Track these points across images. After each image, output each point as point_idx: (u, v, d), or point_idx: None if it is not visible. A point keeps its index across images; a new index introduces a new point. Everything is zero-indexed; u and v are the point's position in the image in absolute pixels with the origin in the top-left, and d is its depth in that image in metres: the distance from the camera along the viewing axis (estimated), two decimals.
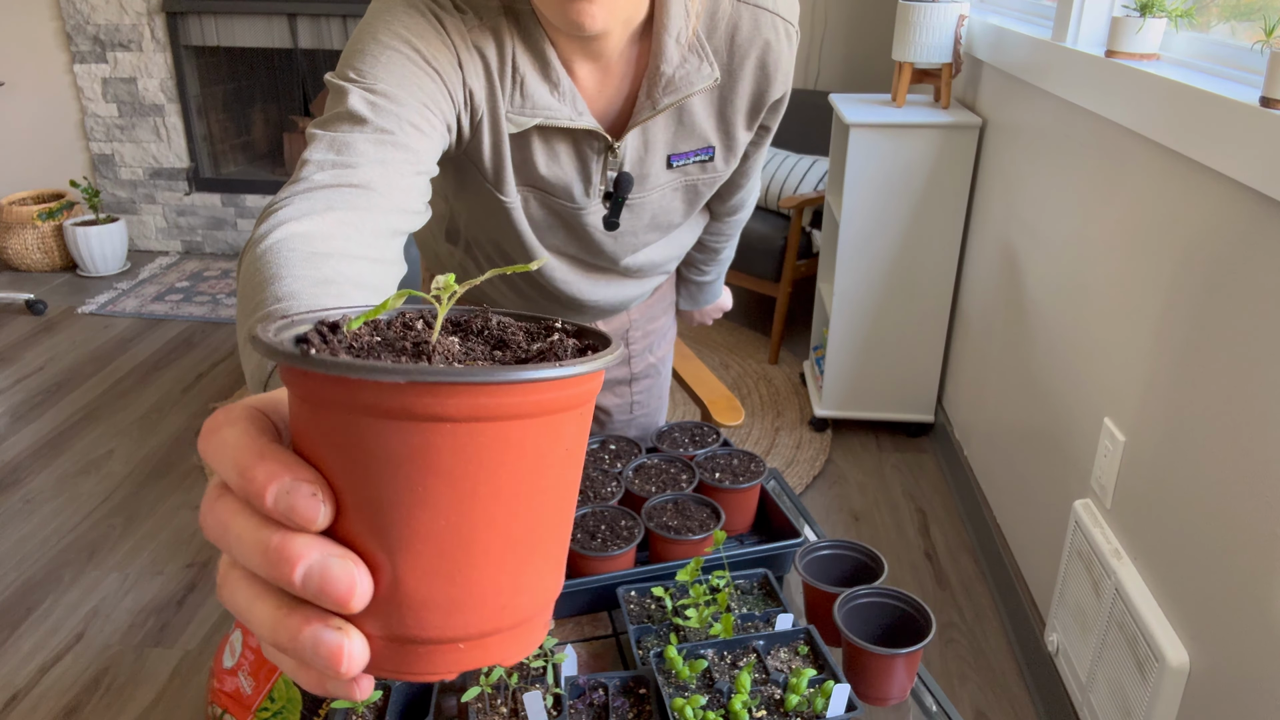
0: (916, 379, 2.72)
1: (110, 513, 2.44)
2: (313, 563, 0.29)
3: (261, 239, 0.58)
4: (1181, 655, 1.30)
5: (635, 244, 1.04)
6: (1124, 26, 1.58)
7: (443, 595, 0.29)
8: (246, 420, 0.31)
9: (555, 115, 0.85)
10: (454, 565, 0.29)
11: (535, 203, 0.95)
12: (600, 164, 0.92)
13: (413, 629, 0.30)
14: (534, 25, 0.83)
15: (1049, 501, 1.86)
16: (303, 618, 0.29)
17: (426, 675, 0.30)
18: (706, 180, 1.00)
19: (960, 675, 1.92)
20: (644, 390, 1.36)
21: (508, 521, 0.29)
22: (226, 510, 0.31)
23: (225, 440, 0.31)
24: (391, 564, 0.29)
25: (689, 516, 1.02)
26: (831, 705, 0.76)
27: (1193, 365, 1.32)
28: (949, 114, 2.47)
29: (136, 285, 3.97)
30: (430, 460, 0.27)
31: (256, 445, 0.30)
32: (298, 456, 0.30)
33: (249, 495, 0.30)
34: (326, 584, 0.29)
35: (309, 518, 0.29)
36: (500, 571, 0.30)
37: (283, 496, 0.29)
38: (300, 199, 0.65)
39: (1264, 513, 1.14)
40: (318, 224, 0.61)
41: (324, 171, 0.68)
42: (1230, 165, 1.20)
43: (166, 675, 1.91)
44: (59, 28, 4.04)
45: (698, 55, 0.87)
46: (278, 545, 0.29)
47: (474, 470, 0.28)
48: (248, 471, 0.30)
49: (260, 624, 0.30)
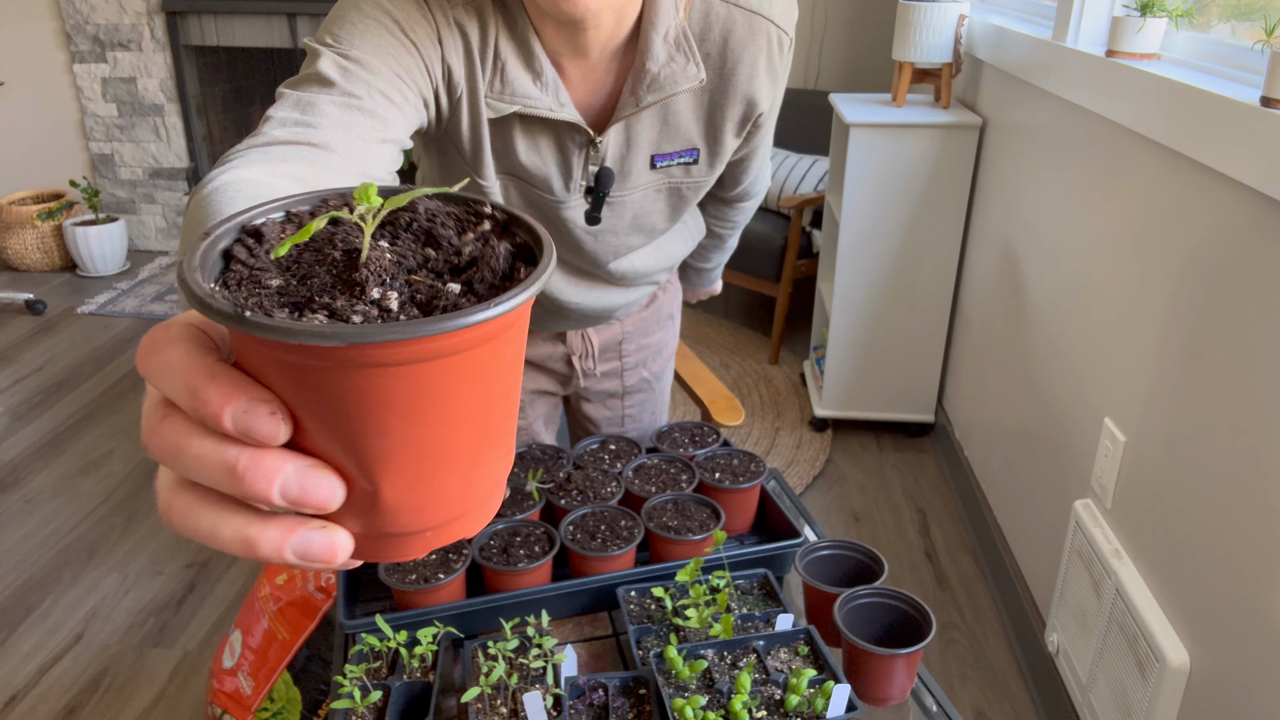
0: (917, 379, 2.72)
1: (110, 513, 2.44)
2: (288, 475, 0.29)
3: (208, 183, 0.55)
4: (1182, 655, 1.30)
5: (617, 245, 1.03)
6: (1124, 26, 1.58)
7: (413, 498, 0.31)
8: (189, 340, 0.30)
9: (535, 104, 0.84)
10: (420, 475, 0.31)
11: (515, 193, 0.95)
12: (582, 158, 0.91)
13: (389, 526, 0.32)
14: (519, 13, 0.82)
15: (1049, 501, 1.86)
16: (283, 526, 0.30)
17: (401, 558, 0.33)
18: (690, 184, 0.99)
19: (960, 675, 1.92)
20: (636, 405, 1.35)
21: (461, 433, 0.31)
22: (176, 431, 0.30)
23: (169, 360, 0.30)
24: (364, 476, 0.30)
25: (689, 517, 1.02)
26: (831, 705, 0.76)
27: (1193, 365, 1.32)
28: (949, 114, 2.47)
29: (136, 285, 3.97)
30: (381, 398, 0.28)
31: (204, 364, 0.29)
32: (248, 376, 0.29)
33: (203, 417, 0.29)
34: (306, 493, 0.29)
35: (270, 435, 0.29)
36: (460, 472, 0.32)
37: (241, 417, 0.29)
38: (256, 151, 0.63)
39: (1264, 513, 1.14)
40: (265, 172, 0.58)
41: (284, 129, 0.67)
42: (1231, 165, 1.19)
43: (166, 675, 1.90)
44: (58, 27, 4.04)
45: (685, 55, 0.86)
46: (248, 462, 0.29)
47: (424, 401, 0.29)
48: (200, 393, 0.29)
49: (232, 539, 0.30)
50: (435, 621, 0.90)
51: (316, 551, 0.31)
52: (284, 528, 0.30)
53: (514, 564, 0.94)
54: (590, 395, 1.33)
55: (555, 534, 0.98)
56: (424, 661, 0.87)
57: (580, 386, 1.31)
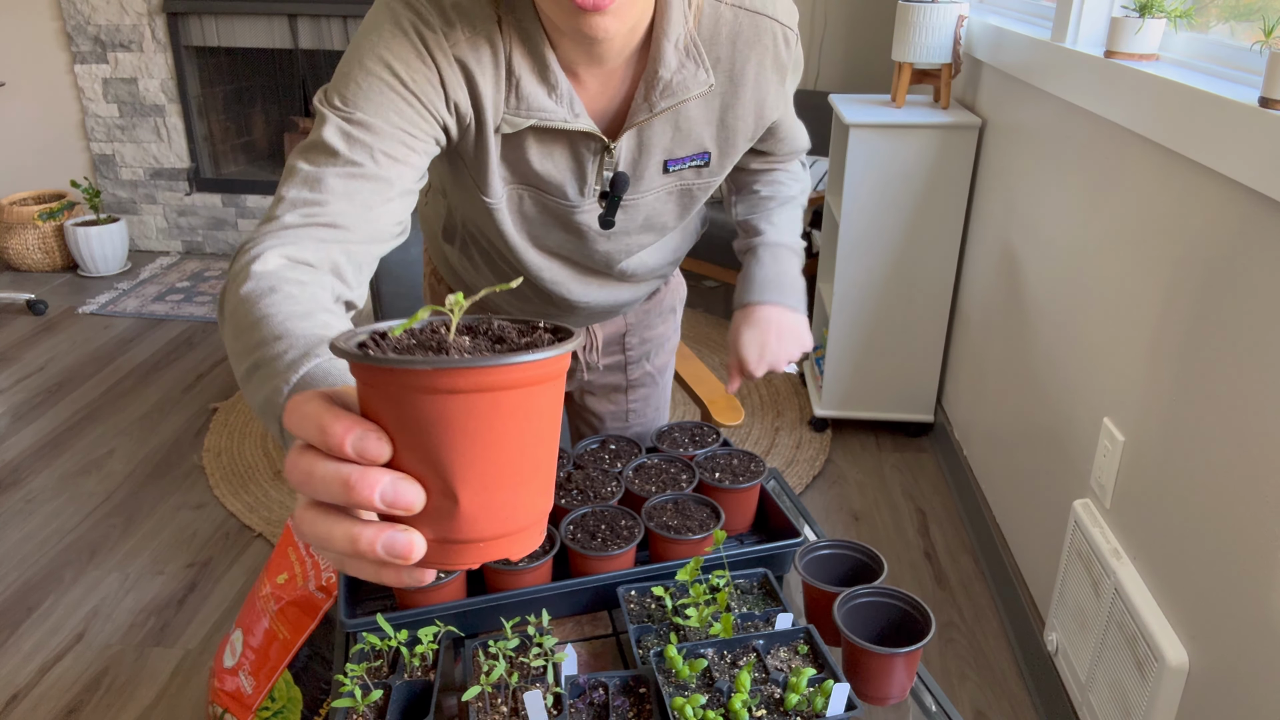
0: (916, 379, 2.72)
1: (111, 512, 2.44)
2: (385, 484, 0.40)
3: (241, 281, 0.67)
4: (1181, 655, 1.30)
5: (629, 245, 1.04)
6: (1123, 27, 1.58)
7: (473, 508, 0.42)
8: (321, 399, 0.43)
9: (550, 117, 0.86)
10: (478, 488, 0.42)
11: (529, 200, 0.96)
12: (596, 164, 0.92)
13: (454, 534, 0.43)
14: (534, 29, 0.84)
15: (1048, 501, 1.86)
16: (376, 528, 0.41)
17: (459, 565, 0.44)
18: (701, 185, 1.00)
19: (960, 675, 1.92)
20: (640, 399, 1.36)
21: (508, 458, 0.42)
22: (309, 461, 0.42)
23: (307, 411, 0.42)
24: (439, 486, 0.42)
25: (689, 516, 1.02)
26: (831, 704, 0.77)
27: (1192, 365, 1.32)
28: (948, 114, 2.48)
29: (137, 285, 3.97)
30: (450, 421, 0.40)
31: (331, 410, 0.41)
32: (362, 417, 0.42)
33: (329, 446, 0.41)
34: (398, 496, 0.41)
35: (377, 454, 0.41)
36: (507, 493, 0.43)
37: (357, 441, 0.40)
38: (272, 238, 0.73)
39: (1263, 512, 1.15)
40: (286, 268, 0.70)
41: (295, 212, 0.75)
42: (1229, 165, 1.20)
43: (167, 675, 1.91)
44: (59, 28, 4.04)
45: (695, 62, 0.87)
46: (358, 476, 0.40)
47: (481, 425, 0.41)
48: (329, 428, 0.41)
49: (341, 540, 0.42)
50: (436, 620, 0.90)
51: (399, 547, 0.41)
52: (378, 529, 0.41)
53: (514, 563, 0.94)
54: (594, 389, 1.34)
55: (555, 533, 0.98)
56: (425, 660, 0.87)
57: (584, 380, 1.32)
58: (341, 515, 0.42)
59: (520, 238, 1.00)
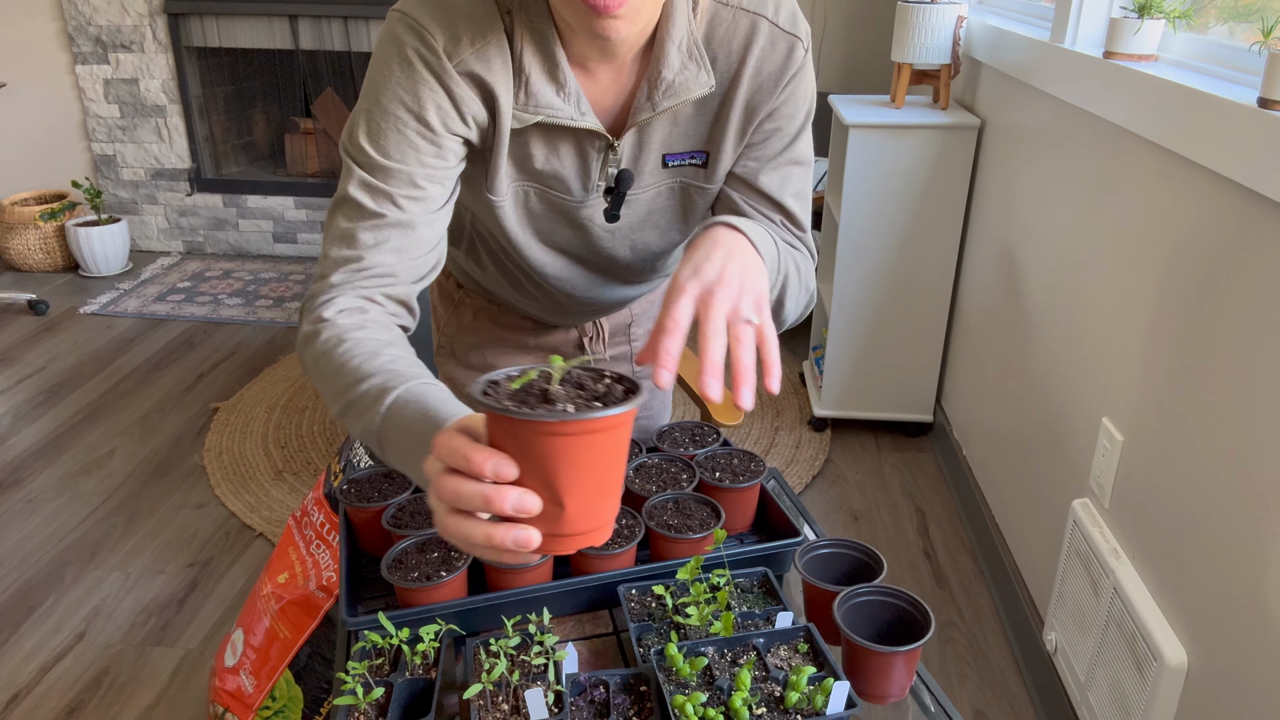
0: (915, 379, 2.73)
1: (112, 512, 2.45)
2: (514, 498, 0.59)
3: (312, 340, 0.84)
4: (1180, 654, 1.31)
5: (632, 241, 1.05)
6: (1122, 28, 1.59)
7: (575, 511, 0.61)
8: (462, 433, 0.62)
9: (558, 114, 0.88)
10: (579, 498, 0.61)
11: (535, 197, 0.97)
12: (600, 161, 0.94)
13: (560, 529, 0.61)
14: (547, 28, 0.85)
15: (1047, 501, 1.86)
16: (506, 528, 0.60)
17: (561, 552, 0.63)
18: (698, 187, 1.00)
19: (959, 674, 1.93)
20: (644, 390, 1.37)
21: (595, 478, 0.61)
22: (456, 482, 0.60)
23: (454, 446, 0.60)
24: (552, 498, 0.60)
25: (689, 515, 1.03)
26: (831, 703, 0.77)
27: (1191, 365, 1.33)
28: (948, 115, 2.48)
29: (138, 285, 3.98)
30: (561, 453, 0.59)
31: (472, 445, 0.60)
32: (491, 447, 0.60)
33: (472, 470, 0.59)
34: (524, 507, 0.59)
35: (509, 475, 0.59)
36: (596, 500, 0.62)
37: (493, 467, 0.59)
38: (325, 296, 0.87)
39: (1262, 512, 1.15)
40: (347, 315, 0.86)
41: (339, 270, 0.87)
42: (1228, 166, 1.20)
43: (168, 674, 1.91)
44: (61, 29, 4.05)
45: (696, 63, 0.89)
46: (493, 492, 0.59)
47: (582, 456, 0.59)
48: (472, 458, 0.59)
49: (480, 536, 0.60)
50: (437, 619, 0.91)
51: (523, 541, 0.60)
52: (507, 528, 0.60)
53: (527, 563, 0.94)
54: None
55: None
56: (426, 659, 0.87)
57: None
58: (477, 519, 0.61)
59: (526, 235, 1.01)
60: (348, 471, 1.29)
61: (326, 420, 2.91)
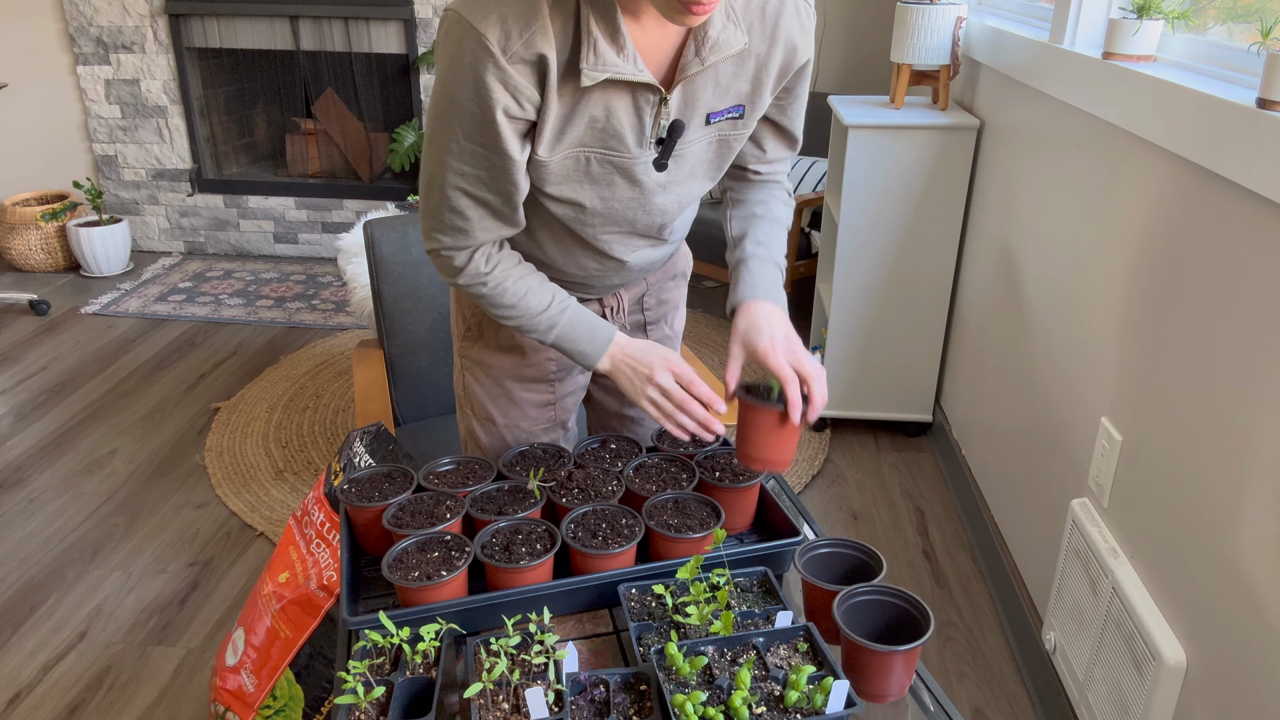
0: (915, 379, 2.73)
1: (113, 512, 2.45)
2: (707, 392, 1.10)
3: (484, 280, 1.14)
4: (1178, 653, 1.31)
5: (680, 195, 1.16)
6: (1121, 28, 1.59)
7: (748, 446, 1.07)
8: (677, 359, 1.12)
9: (620, 71, 0.99)
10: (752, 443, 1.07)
11: (595, 161, 1.06)
12: (653, 113, 1.04)
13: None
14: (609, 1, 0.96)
15: (1046, 500, 1.87)
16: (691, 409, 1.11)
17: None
18: (735, 136, 1.14)
19: (958, 673, 1.93)
20: None
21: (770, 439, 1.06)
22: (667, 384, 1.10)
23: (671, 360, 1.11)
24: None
25: (689, 515, 1.03)
26: (830, 702, 0.77)
27: (1190, 365, 1.33)
28: (947, 116, 2.48)
29: (139, 286, 3.98)
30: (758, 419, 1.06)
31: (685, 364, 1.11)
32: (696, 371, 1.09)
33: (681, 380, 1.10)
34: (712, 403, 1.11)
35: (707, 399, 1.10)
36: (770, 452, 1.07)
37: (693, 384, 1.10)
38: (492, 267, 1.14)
39: (1260, 511, 1.15)
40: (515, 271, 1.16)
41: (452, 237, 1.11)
42: (1227, 167, 1.20)
43: (169, 673, 1.92)
44: (62, 29, 4.05)
45: (734, 23, 1.03)
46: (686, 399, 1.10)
47: (766, 428, 1.05)
48: (684, 373, 1.10)
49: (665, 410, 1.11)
50: (438, 618, 0.91)
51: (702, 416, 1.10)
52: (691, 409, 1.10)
53: (516, 561, 0.95)
54: None
55: (556, 532, 0.99)
56: (427, 658, 0.88)
57: None
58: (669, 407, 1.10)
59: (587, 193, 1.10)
60: (348, 471, 1.30)
61: (327, 420, 2.92)
